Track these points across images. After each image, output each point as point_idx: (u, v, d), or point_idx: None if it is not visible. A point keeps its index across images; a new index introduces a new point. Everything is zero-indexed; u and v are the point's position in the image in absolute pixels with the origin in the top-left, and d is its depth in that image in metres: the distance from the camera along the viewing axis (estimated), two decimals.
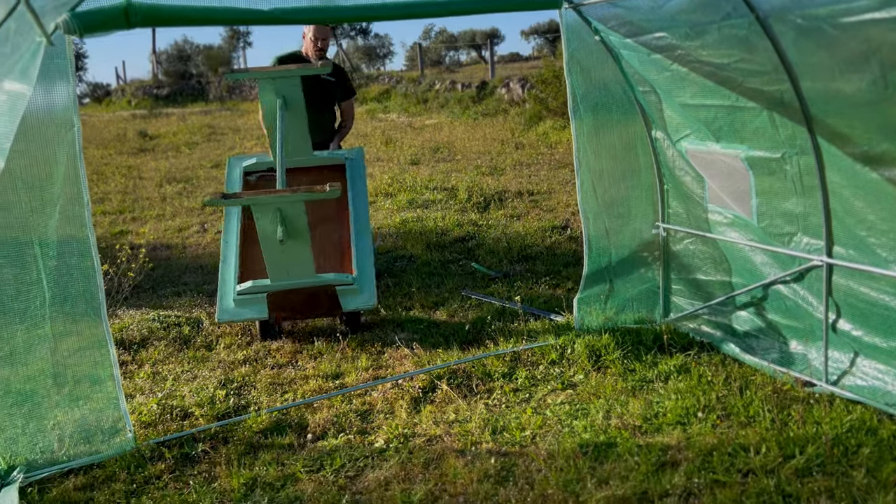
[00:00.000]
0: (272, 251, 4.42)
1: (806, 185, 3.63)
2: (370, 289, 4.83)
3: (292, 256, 4.48)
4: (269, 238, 4.36)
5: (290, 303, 4.68)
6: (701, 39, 3.69)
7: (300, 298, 4.67)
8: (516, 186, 9.30)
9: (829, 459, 2.99)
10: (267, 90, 4.87)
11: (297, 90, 4.93)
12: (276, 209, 4.26)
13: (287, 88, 4.90)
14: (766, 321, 4.08)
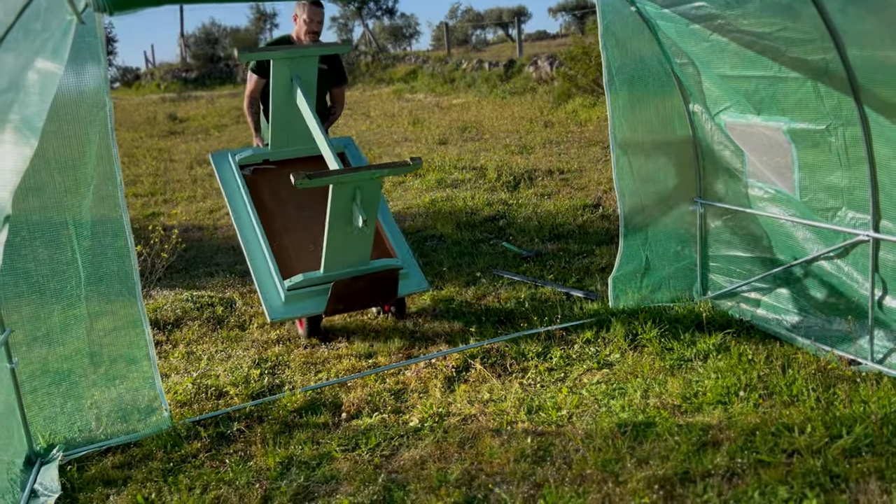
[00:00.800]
0: (338, 237, 4.10)
1: (851, 158, 3.51)
2: (418, 272, 4.65)
3: (357, 242, 4.19)
4: (341, 222, 4.04)
5: (353, 292, 4.36)
6: (742, 8, 3.57)
7: (363, 286, 4.37)
8: (546, 165, 9.19)
9: (878, 439, 2.90)
10: (281, 71, 4.46)
11: (313, 71, 4.59)
12: (356, 189, 3.95)
13: (303, 69, 4.53)
14: (808, 299, 3.97)
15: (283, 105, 4.58)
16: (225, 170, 4.83)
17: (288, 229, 4.63)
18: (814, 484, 2.72)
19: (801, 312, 3.99)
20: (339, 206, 3.97)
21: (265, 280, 4.37)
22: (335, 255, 4.19)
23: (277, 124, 4.72)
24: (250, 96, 5.22)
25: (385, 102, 18.45)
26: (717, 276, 4.53)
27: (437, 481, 3.01)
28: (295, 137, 4.83)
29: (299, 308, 4.32)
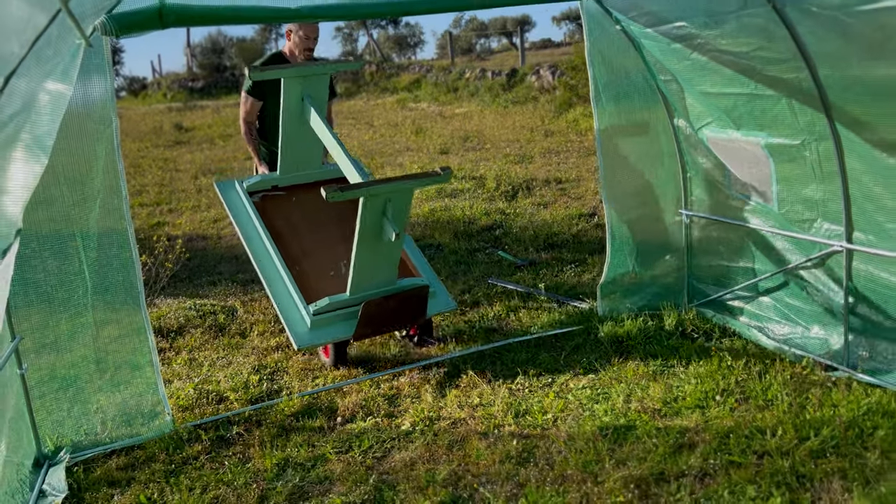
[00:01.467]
0: (367, 253, 3.94)
1: (825, 172, 3.65)
2: (444, 291, 4.51)
3: (385, 259, 4.04)
4: (371, 236, 3.88)
5: (384, 313, 4.17)
6: (720, 28, 3.73)
7: (394, 306, 4.19)
8: (545, 174, 9.34)
9: (843, 441, 3.04)
10: (293, 90, 4.29)
11: (324, 89, 4.44)
12: (387, 201, 3.81)
13: (315, 87, 4.36)
14: (787, 306, 4.11)
15: (295, 126, 4.41)
16: (233, 198, 4.64)
17: (305, 254, 4.48)
18: (781, 483, 2.86)
19: (780, 320, 4.13)
20: (369, 219, 3.83)
21: (288, 306, 4.17)
22: (363, 274, 4.04)
23: (287, 147, 4.52)
24: (247, 121, 4.98)
25: (388, 112, 18.65)
26: (701, 285, 4.67)
27: (426, 481, 3.16)
28: (305, 160, 4.66)
29: (327, 333, 4.14)
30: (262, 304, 5.58)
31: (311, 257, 4.46)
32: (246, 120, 4.97)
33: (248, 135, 5.01)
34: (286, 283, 4.22)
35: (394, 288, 4.16)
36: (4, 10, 1.99)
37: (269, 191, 4.70)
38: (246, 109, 4.96)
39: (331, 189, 3.68)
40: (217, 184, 4.74)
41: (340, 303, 4.11)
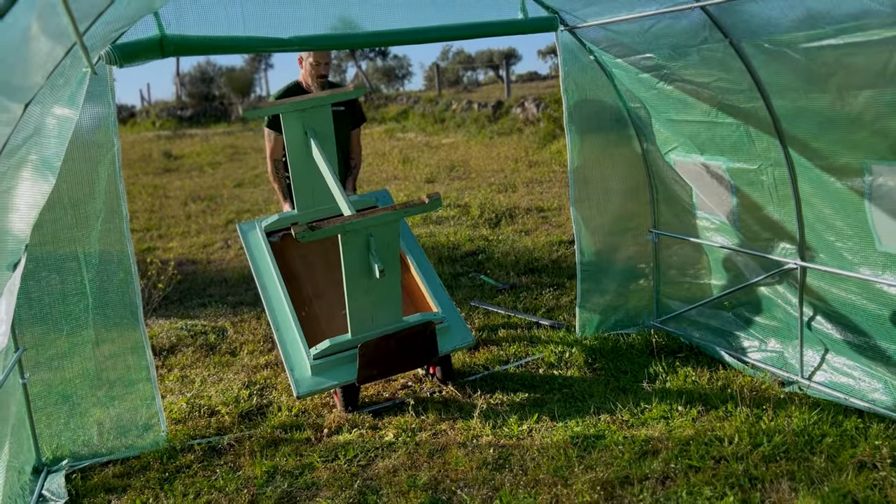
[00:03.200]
0: (359, 292, 3.77)
1: (781, 195, 3.91)
2: (461, 324, 4.24)
3: (381, 296, 3.85)
4: (357, 274, 3.71)
5: (384, 354, 3.95)
6: (683, 60, 4.01)
7: (395, 346, 3.97)
8: (527, 203, 9.61)
9: (793, 447, 3.26)
10: (293, 125, 4.17)
11: (327, 121, 4.30)
12: (368, 236, 3.63)
13: (317, 120, 4.24)
14: (748, 321, 4.35)
15: (302, 161, 4.30)
16: (253, 240, 4.53)
17: (318, 295, 4.38)
18: (734, 485, 3.07)
19: (741, 334, 4.37)
20: (353, 257, 3.66)
21: (292, 352, 4.02)
22: (360, 314, 3.86)
23: (299, 183, 4.42)
24: (272, 157, 4.80)
25: (377, 141, 18.94)
26: (670, 302, 4.91)
27: (407, 486, 3.35)
28: (320, 195, 4.45)
29: (329, 378, 3.93)
30: (252, 324, 5.77)
31: (324, 298, 4.33)
32: (272, 157, 4.79)
33: (274, 173, 4.82)
34: (293, 327, 4.08)
35: (395, 327, 3.95)
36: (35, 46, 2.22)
37: (287, 229, 4.52)
38: (270, 146, 4.79)
39: (300, 228, 3.49)
40: (239, 225, 4.66)
41: (342, 345, 3.92)
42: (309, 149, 4.23)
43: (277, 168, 4.78)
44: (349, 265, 3.67)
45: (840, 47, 3.13)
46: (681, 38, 3.94)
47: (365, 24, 4.21)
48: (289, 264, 4.41)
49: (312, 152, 4.19)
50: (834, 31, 3.11)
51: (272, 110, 4.25)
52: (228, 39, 3.82)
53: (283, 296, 4.18)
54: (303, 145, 4.23)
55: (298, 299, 4.21)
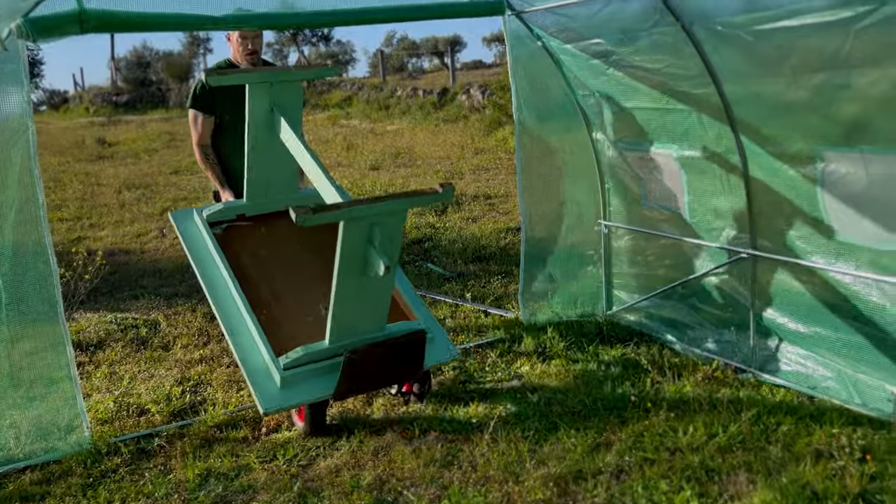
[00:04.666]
0: (349, 292, 3.19)
1: (732, 183, 3.85)
2: (443, 336, 3.77)
3: (372, 299, 3.29)
4: (354, 271, 3.14)
5: (371, 364, 3.41)
6: (633, 45, 3.91)
7: (384, 356, 3.43)
8: (474, 190, 9.49)
9: (748, 437, 3.20)
10: (259, 99, 3.59)
11: (297, 98, 3.72)
12: (372, 226, 3.06)
13: (286, 95, 3.65)
14: (699, 311, 4.30)
15: (263, 142, 3.70)
16: (190, 230, 3.91)
17: (277, 297, 3.76)
18: (691, 477, 2.99)
19: (692, 325, 4.31)
20: (352, 249, 3.08)
21: (253, 360, 3.42)
22: (345, 318, 3.28)
23: (255, 168, 3.79)
24: (201, 143, 4.30)
25: (320, 128, 18.59)
26: (620, 292, 4.83)
27: (350, 487, 3.18)
28: (277, 184, 3.92)
29: (301, 392, 3.37)
30: (186, 317, 5.50)
31: (284, 300, 3.75)
32: (199, 143, 4.29)
33: (203, 160, 4.30)
34: (252, 332, 3.47)
35: (383, 334, 3.43)
36: None
37: (233, 221, 3.98)
38: (197, 132, 4.27)
39: (302, 211, 2.91)
40: (173, 215, 4.01)
41: (318, 353, 3.36)
42: (273, 129, 3.66)
43: (207, 154, 4.30)
44: (345, 258, 3.10)
45: (794, 29, 3.06)
46: (631, 21, 3.84)
47: (305, 4, 4.01)
48: (237, 261, 3.79)
49: (281, 133, 3.62)
50: (788, 13, 3.04)
51: (240, 79, 3.64)
52: (156, 16, 3.57)
53: (237, 296, 3.58)
54: (267, 124, 3.65)
55: (254, 301, 3.61)
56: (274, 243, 3.97)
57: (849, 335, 3.45)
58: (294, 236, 3.88)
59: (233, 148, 4.13)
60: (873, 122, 3.01)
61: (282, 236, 3.96)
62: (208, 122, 4.25)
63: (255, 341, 3.46)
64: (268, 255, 3.92)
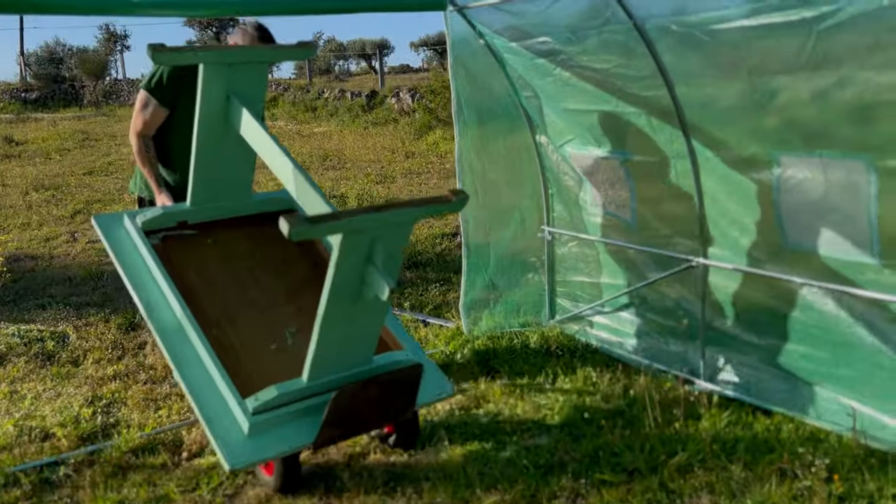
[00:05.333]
0: (337, 319, 2.63)
1: (683, 189, 3.73)
2: (435, 369, 3.25)
3: (365, 327, 2.76)
4: (348, 293, 2.57)
5: (362, 407, 2.86)
6: (582, 45, 3.75)
7: (376, 396, 2.87)
8: (407, 194, 9.25)
9: (709, 455, 3.06)
10: (214, 83, 2.96)
11: (261, 86, 3.13)
12: (374, 239, 2.52)
13: (248, 81, 3.03)
14: (647, 322, 4.17)
15: (215, 136, 3.08)
16: (121, 240, 3.23)
17: (232, 321, 3.11)
18: (651, 500, 2.83)
19: (640, 335, 4.18)
20: (348, 267, 2.51)
21: (211, 402, 2.78)
22: (330, 350, 2.73)
23: (203, 166, 3.16)
24: (143, 135, 3.61)
25: None
26: (564, 301, 4.67)
27: None
28: (229, 186, 3.30)
29: (275, 441, 2.78)
30: (99, 328, 5.07)
31: (240, 325, 3.11)
32: (142, 133, 3.61)
33: (142, 153, 3.61)
34: (207, 365, 2.84)
35: (369, 369, 2.89)
36: None
37: (173, 229, 3.32)
38: (144, 119, 3.59)
39: (295, 221, 2.31)
40: (96, 218, 3.29)
41: (294, 393, 2.78)
42: (227, 120, 3.03)
43: (148, 147, 3.64)
44: (339, 280, 2.52)
45: (753, 29, 2.95)
46: (581, 19, 3.68)
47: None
48: (180, 278, 3.13)
49: (241, 126, 2.99)
50: (748, 11, 2.92)
51: (192, 57, 2.96)
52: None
53: (186, 321, 2.93)
54: (220, 114, 3.02)
55: (204, 327, 2.99)
56: (224, 256, 3.31)
57: (803, 346, 3.36)
58: (247, 248, 3.32)
59: (181, 145, 3.46)
60: (833, 126, 2.92)
61: (233, 248, 3.34)
62: (160, 113, 3.59)
63: (211, 377, 2.82)
64: (217, 271, 3.26)
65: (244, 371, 2.91)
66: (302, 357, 2.77)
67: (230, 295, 3.20)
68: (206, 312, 3.05)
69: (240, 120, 3.00)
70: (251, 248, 3.32)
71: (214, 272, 3.26)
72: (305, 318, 2.98)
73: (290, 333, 3.09)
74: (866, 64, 2.69)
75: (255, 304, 3.19)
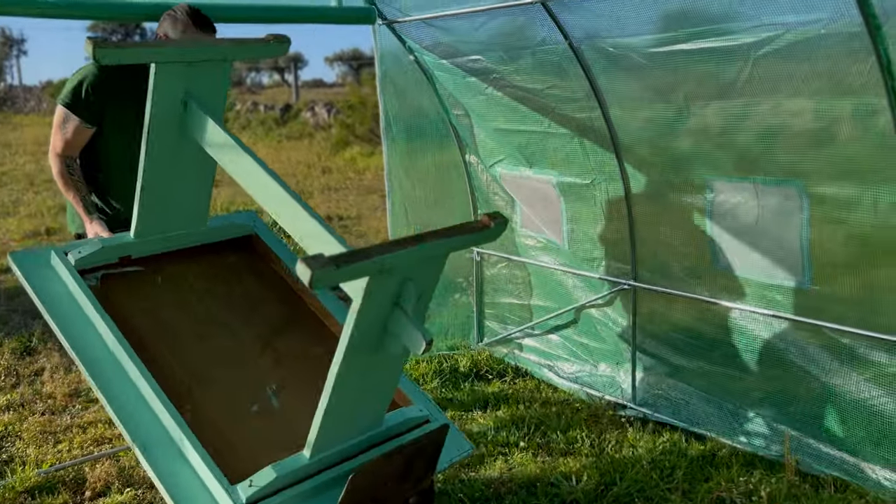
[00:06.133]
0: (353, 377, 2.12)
1: (614, 211, 3.71)
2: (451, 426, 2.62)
3: (378, 384, 2.25)
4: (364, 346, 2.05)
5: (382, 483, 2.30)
6: (516, 64, 3.69)
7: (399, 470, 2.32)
8: (325, 211, 9.03)
9: (648, 484, 3.00)
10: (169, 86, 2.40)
11: (222, 89, 2.54)
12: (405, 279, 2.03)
13: (209, 82, 2.47)
14: (577, 345, 4.12)
15: (167, 151, 2.50)
16: (48, 283, 2.54)
17: (202, 381, 2.50)
18: None
19: (571, 358, 4.13)
20: (372, 314, 2.01)
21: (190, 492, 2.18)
22: (341, 416, 2.19)
23: (151, 190, 2.53)
24: (65, 155, 2.97)
25: None
26: (493, 324, 4.59)
27: None
28: (182, 213, 2.70)
29: None
30: None
31: (213, 387, 2.51)
32: (63, 154, 2.97)
33: (64, 176, 2.96)
34: (185, 448, 2.19)
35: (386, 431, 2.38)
36: None
37: (113, 266, 2.70)
38: (65, 139, 2.95)
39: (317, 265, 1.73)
40: (14, 257, 2.56)
41: (297, 472, 2.19)
42: (182, 130, 2.47)
43: (72, 169, 3.00)
44: (360, 331, 2.00)
45: (692, 53, 2.94)
46: (516, 38, 3.63)
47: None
48: (129, 327, 2.51)
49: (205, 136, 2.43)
50: (687, 35, 2.92)
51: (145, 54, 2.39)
52: None
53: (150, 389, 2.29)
54: (174, 124, 2.46)
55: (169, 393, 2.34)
56: (179, 299, 2.72)
57: (734, 370, 3.37)
58: (204, 286, 2.75)
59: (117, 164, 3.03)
60: (767, 152, 2.94)
61: (188, 287, 2.76)
62: (84, 131, 2.96)
63: (188, 461, 2.20)
64: (174, 317, 2.66)
65: (226, 446, 2.31)
66: (290, 419, 2.28)
67: (194, 349, 2.59)
68: (170, 374, 2.44)
69: (202, 130, 2.42)
70: (208, 285, 2.77)
71: (170, 319, 2.65)
72: (285, 370, 2.56)
73: (273, 391, 2.52)
74: (802, 91, 2.71)
75: (226, 358, 2.59)
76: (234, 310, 2.72)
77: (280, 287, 2.86)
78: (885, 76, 2.43)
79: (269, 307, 2.70)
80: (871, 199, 2.69)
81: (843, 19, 2.43)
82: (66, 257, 2.57)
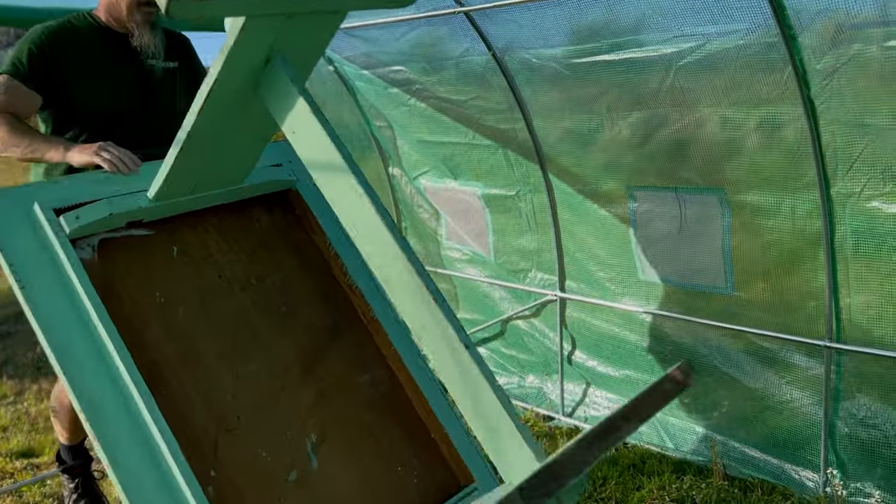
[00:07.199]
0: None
1: (539, 223, 3.71)
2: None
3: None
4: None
5: None
6: (439, 75, 3.66)
7: None
8: None
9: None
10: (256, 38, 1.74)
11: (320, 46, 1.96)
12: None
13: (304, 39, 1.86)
14: (504, 356, 4.09)
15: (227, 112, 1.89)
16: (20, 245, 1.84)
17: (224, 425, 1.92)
18: None
19: (499, 371, 4.09)
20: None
21: None
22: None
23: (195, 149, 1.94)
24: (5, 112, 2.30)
25: None
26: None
27: None
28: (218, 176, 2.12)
29: None
30: None
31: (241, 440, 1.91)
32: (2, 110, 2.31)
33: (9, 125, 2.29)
34: None
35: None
36: None
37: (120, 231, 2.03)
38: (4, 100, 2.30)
39: None
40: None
41: None
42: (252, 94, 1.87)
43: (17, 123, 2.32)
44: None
45: (614, 64, 2.97)
46: (438, 48, 3.60)
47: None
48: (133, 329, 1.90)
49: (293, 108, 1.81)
50: (609, 46, 2.94)
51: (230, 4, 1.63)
52: None
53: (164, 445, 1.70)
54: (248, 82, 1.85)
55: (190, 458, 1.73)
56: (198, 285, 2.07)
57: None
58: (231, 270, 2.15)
59: None
60: (689, 161, 2.98)
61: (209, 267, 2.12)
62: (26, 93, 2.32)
63: None
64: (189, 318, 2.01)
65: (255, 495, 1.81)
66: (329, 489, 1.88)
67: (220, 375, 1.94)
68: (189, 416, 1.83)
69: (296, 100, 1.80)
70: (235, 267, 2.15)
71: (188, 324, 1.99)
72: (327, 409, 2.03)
73: (312, 446, 1.98)
74: (722, 101, 2.77)
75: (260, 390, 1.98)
76: (268, 311, 2.12)
77: (322, 275, 2.30)
78: (800, 85, 2.50)
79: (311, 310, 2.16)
80: (789, 206, 2.76)
81: (761, 30, 2.49)
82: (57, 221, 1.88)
